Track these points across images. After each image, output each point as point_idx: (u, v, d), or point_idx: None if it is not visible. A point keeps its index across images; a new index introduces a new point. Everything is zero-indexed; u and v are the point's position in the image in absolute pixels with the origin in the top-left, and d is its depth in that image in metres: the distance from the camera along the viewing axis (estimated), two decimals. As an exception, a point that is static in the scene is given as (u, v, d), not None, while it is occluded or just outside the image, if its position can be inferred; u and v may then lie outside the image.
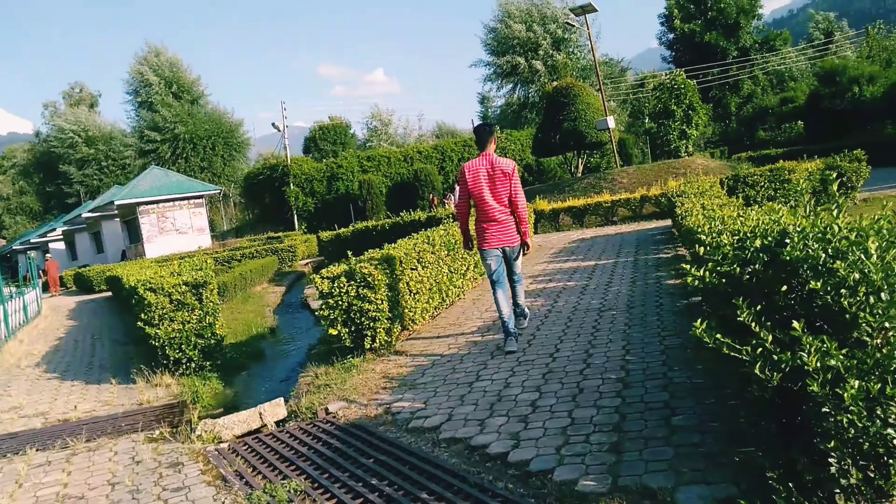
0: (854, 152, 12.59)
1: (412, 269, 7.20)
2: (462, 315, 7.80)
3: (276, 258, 21.59)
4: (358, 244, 17.83)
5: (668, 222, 14.53)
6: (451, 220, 11.65)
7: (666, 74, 21.28)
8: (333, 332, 6.43)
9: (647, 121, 41.00)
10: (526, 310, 6.45)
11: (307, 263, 23.33)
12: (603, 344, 5.47)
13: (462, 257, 8.86)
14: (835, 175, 10.86)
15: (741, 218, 4.32)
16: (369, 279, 6.27)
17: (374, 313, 6.32)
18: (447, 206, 16.73)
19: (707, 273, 3.10)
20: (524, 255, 6.21)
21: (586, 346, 5.51)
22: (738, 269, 2.98)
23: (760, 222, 3.95)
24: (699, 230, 4.19)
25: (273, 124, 38.99)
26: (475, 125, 6.60)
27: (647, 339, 5.39)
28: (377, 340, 6.44)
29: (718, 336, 2.71)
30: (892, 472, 2.39)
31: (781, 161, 14.64)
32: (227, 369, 8.34)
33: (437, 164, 36.32)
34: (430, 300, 7.66)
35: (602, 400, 4.17)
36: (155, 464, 4.78)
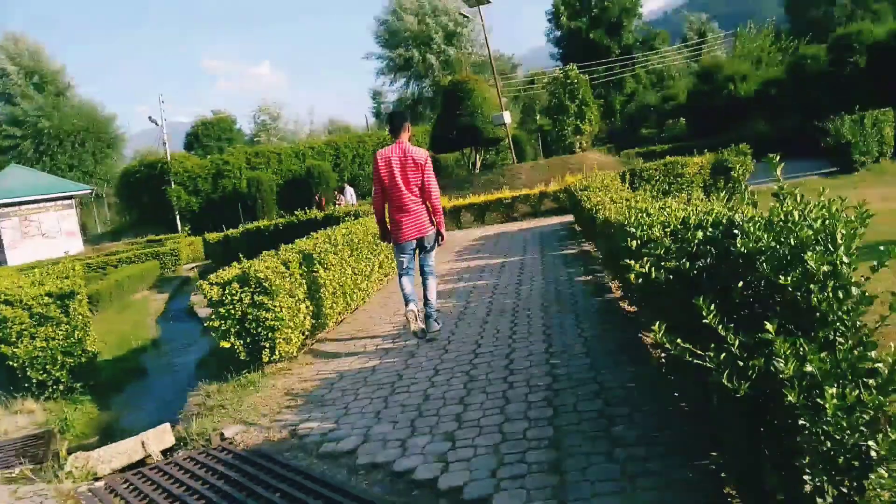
0: (740, 146, 13.22)
1: (313, 271, 6.62)
2: (369, 320, 7.31)
3: (158, 263, 20.00)
4: (249, 246, 16.79)
5: (569, 218, 14.67)
6: (353, 219, 11.09)
7: (559, 70, 21.58)
8: (226, 344, 5.73)
9: (538, 117, 41.97)
10: (435, 312, 6.06)
11: (193, 268, 21.82)
12: (524, 347, 5.17)
13: (366, 257, 8.36)
14: (738, 166, 11.15)
15: (666, 210, 4.13)
16: (266, 284, 5.64)
17: (272, 322, 5.69)
18: (338, 206, 16.02)
19: (652, 269, 2.82)
20: (439, 245, 6.18)
21: (506, 350, 5.19)
22: (686, 264, 2.72)
23: (691, 213, 3.77)
24: (628, 223, 3.96)
25: (150, 118, 36.37)
26: (390, 112, 6.38)
27: (570, 340, 5.15)
28: (276, 352, 5.82)
29: (679, 341, 2.42)
30: (868, 486, 2.20)
31: (669, 156, 15.15)
32: (102, 390, 7.38)
33: (331, 160, 35.26)
34: (334, 305, 7.10)
35: (532, 410, 3.85)
36: (11, 514, 3.97)
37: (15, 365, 6.76)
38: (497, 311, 6.62)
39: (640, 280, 2.86)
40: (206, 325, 5.82)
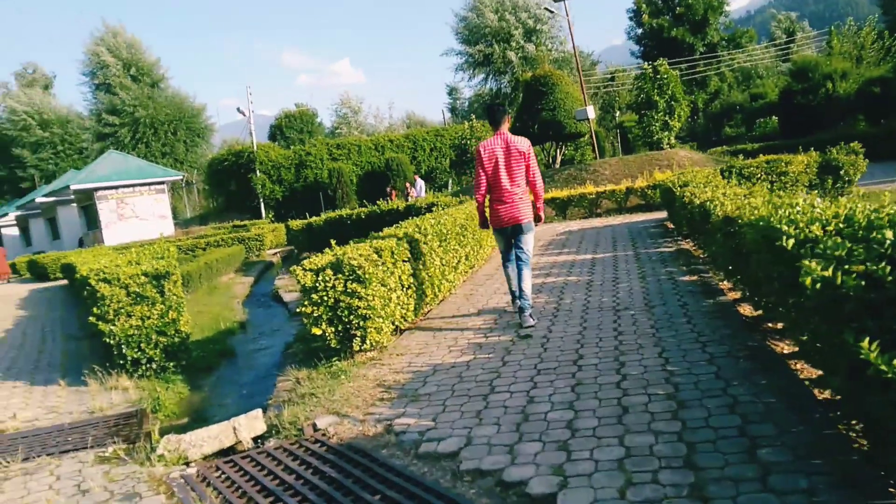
0: (851, 145, 12.21)
1: (404, 261, 6.42)
2: (457, 312, 7.05)
3: (243, 247, 20.51)
4: (331, 234, 16.87)
5: (658, 215, 14.01)
6: (441, 208, 10.89)
7: (648, 65, 20.74)
8: (317, 331, 5.61)
9: (618, 114, 40.82)
10: (529, 303, 5.96)
11: (275, 253, 22.29)
12: (633, 350, 4.78)
13: (454, 249, 8.11)
14: (848, 165, 10.35)
15: (814, 207, 3.66)
16: (359, 272, 5.47)
17: (364, 311, 5.53)
18: (409, 199, 15.82)
19: (838, 274, 2.40)
20: (538, 224, 6.37)
21: (614, 351, 4.81)
22: (886, 268, 2.29)
23: (855, 209, 3.30)
24: (775, 219, 3.51)
25: (238, 109, 37.50)
26: (488, 104, 6.67)
27: (685, 345, 4.72)
28: (367, 342, 5.66)
29: None
30: None
31: (763, 155, 14.20)
32: (193, 371, 7.44)
33: (408, 153, 35.39)
34: (423, 296, 6.89)
35: (656, 423, 3.47)
36: (106, 494, 3.92)
37: (111, 342, 6.87)
38: (595, 309, 6.22)
39: (819, 286, 2.45)
40: (297, 310, 5.71)
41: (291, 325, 9.72)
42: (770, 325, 5.07)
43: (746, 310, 5.58)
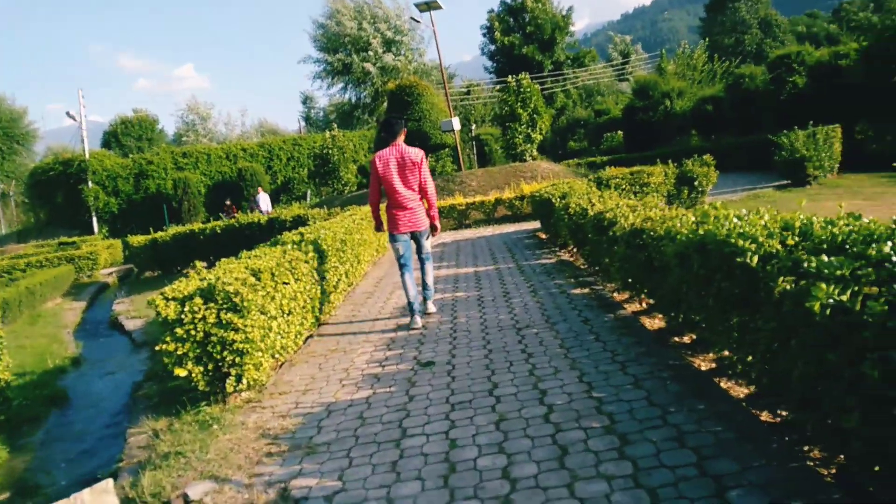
0: (703, 157, 13.03)
1: (285, 283, 5.63)
2: (342, 337, 6.35)
3: (73, 267, 18.08)
4: (180, 252, 15.33)
5: (527, 226, 14.12)
6: (312, 222, 10.08)
7: (512, 78, 21.12)
8: (181, 372, 4.67)
9: (474, 127, 41.74)
10: (432, 293, 6.73)
11: (111, 273, 19.93)
12: (550, 375, 4.39)
13: (334, 266, 7.39)
14: (701, 177, 10.88)
15: (762, 218, 3.47)
16: (236, 300, 4.63)
17: (241, 345, 4.68)
18: (250, 214, 14.63)
19: (858, 299, 2.09)
20: (433, 235, 6.69)
21: (530, 378, 4.40)
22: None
23: (810, 222, 3.11)
24: (719, 232, 3.25)
25: (68, 113, 33.51)
26: (386, 117, 6.85)
27: (603, 366, 4.41)
28: (244, 381, 4.81)
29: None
30: None
31: (609, 167, 14.83)
32: (13, 425, 6.07)
33: (263, 162, 33.60)
34: (304, 321, 6.12)
35: (604, 464, 3.06)
36: None
37: None
38: (495, 328, 5.82)
39: (829, 311, 2.13)
40: (157, 348, 4.73)
41: (138, 359, 8.43)
42: (677, 339, 4.94)
43: (649, 322, 5.44)
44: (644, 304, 5.95)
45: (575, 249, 9.20)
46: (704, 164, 12.79)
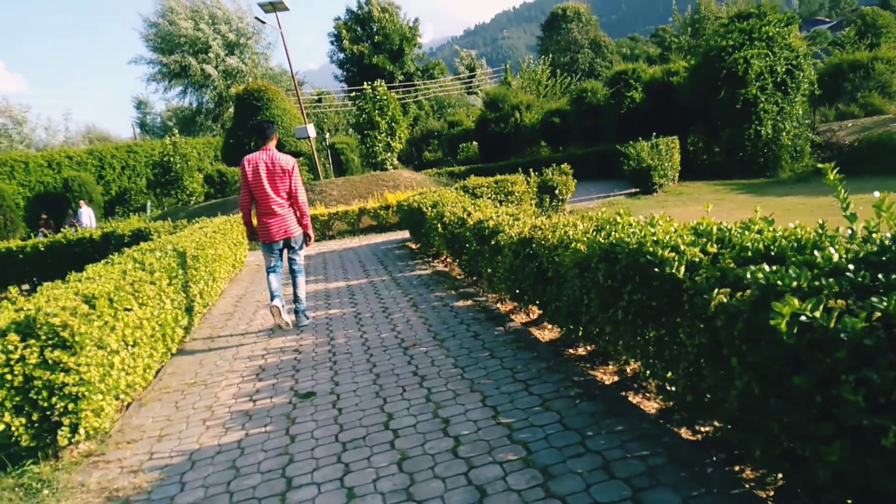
0: (562, 167, 13.41)
1: (127, 309, 4.77)
2: (200, 367, 5.55)
3: None
4: (-8, 272, 13.21)
5: (394, 236, 13.74)
6: (157, 236, 8.98)
7: (368, 85, 20.65)
8: (-5, 427, 3.74)
9: (328, 136, 40.85)
10: (304, 306, 6.45)
11: None
12: (450, 401, 4.01)
13: (186, 285, 6.51)
14: (560, 186, 11.13)
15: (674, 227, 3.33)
16: (65, 334, 3.78)
17: (75, 388, 3.84)
18: (67, 229, 13.00)
19: (850, 318, 1.88)
20: (307, 245, 6.54)
21: (427, 405, 3.99)
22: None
23: (729, 230, 2.98)
24: (629, 239, 3.05)
25: None
26: (257, 121, 6.61)
27: (505, 387, 4.10)
28: (82, 430, 3.95)
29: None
30: None
31: (472, 177, 14.97)
32: None
33: (94, 171, 30.30)
34: (153, 352, 5.26)
35: (535, 504, 2.72)
36: None
37: None
38: (379, 348, 5.35)
39: (796, 330, 1.92)
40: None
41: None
42: (572, 351, 4.77)
43: (541, 334, 5.25)
44: (533, 315, 5.77)
45: (451, 259, 8.96)
46: (563, 174, 13.19)
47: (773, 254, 2.57)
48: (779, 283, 2.07)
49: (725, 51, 16.71)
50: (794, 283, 2.05)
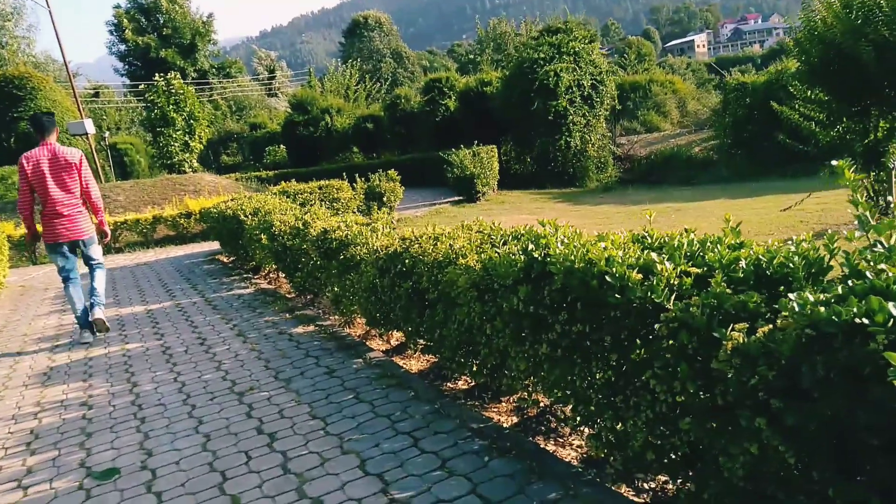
0: (389, 173, 12.71)
1: None
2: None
3: None
4: None
5: (198, 248, 12.08)
6: None
7: (160, 76, 18.26)
8: None
9: (107, 134, 36.30)
10: (102, 301, 5.92)
11: None
12: (317, 469, 3.04)
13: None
14: (388, 192, 10.51)
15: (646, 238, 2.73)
16: None
17: None
18: None
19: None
20: (103, 243, 6.23)
21: (286, 478, 2.98)
22: None
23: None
24: (600, 260, 2.37)
25: None
26: (34, 113, 6.40)
27: (386, 443, 3.22)
28: None
29: None
30: None
31: (284, 182, 13.86)
32: None
33: None
34: None
35: None
36: None
37: None
38: (204, 396, 4.15)
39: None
40: None
41: None
42: (450, 385, 4.04)
43: (406, 362, 4.45)
44: (393, 340, 4.95)
45: (277, 275, 7.80)
46: (391, 180, 12.53)
47: (770, 275, 2.05)
48: (865, 320, 1.49)
49: (537, 63, 17.30)
50: (881, 318, 1.49)
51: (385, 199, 12.29)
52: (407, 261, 3.88)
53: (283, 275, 7.30)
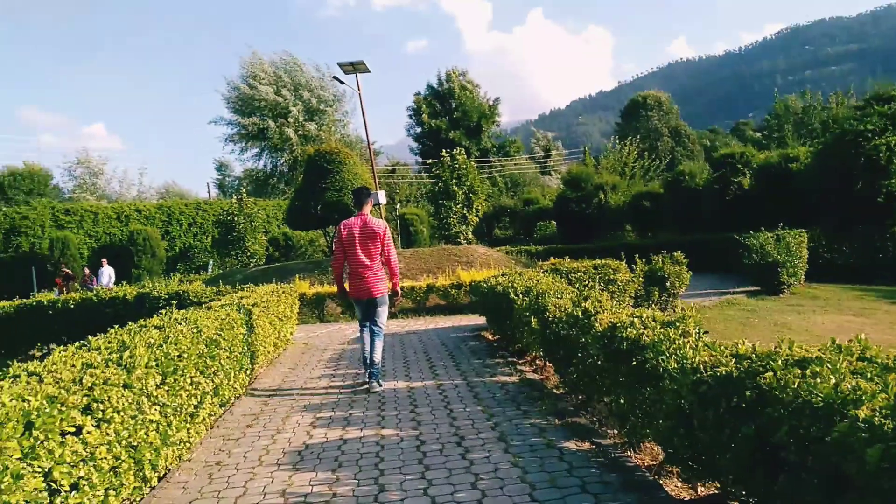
0: (675, 254, 11.31)
1: (69, 433, 2.97)
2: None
3: None
4: (27, 329, 12.09)
5: (465, 320, 11.85)
6: (190, 306, 7.42)
7: (447, 152, 19.38)
8: None
9: (398, 206, 40.05)
10: (378, 370, 6.55)
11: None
12: None
13: (192, 381, 4.71)
14: (673, 277, 9.00)
15: None
16: None
17: None
18: (89, 289, 11.72)
19: None
20: (395, 300, 7.36)
21: None
22: None
23: None
24: None
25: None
26: (357, 187, 7.22)
27: None
28: None
29: None
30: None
31: (557, 259, 13.01)
32: None
33: (160, 226, 30.05)
34: (118, 489, 3.40)
35: None
36: None
37: None
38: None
39: None
40: None
41: None
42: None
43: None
44: (701, 489, 3.64)
45: (545, 363, 6.93)
46: (676, 263, 11.07)
47: None
48: None
49: (863, 135, 14.45)
50: None
51: (668, 283, 10.84)
52: (747, 392, 2.65)
53: (552, 364, 6.38)
